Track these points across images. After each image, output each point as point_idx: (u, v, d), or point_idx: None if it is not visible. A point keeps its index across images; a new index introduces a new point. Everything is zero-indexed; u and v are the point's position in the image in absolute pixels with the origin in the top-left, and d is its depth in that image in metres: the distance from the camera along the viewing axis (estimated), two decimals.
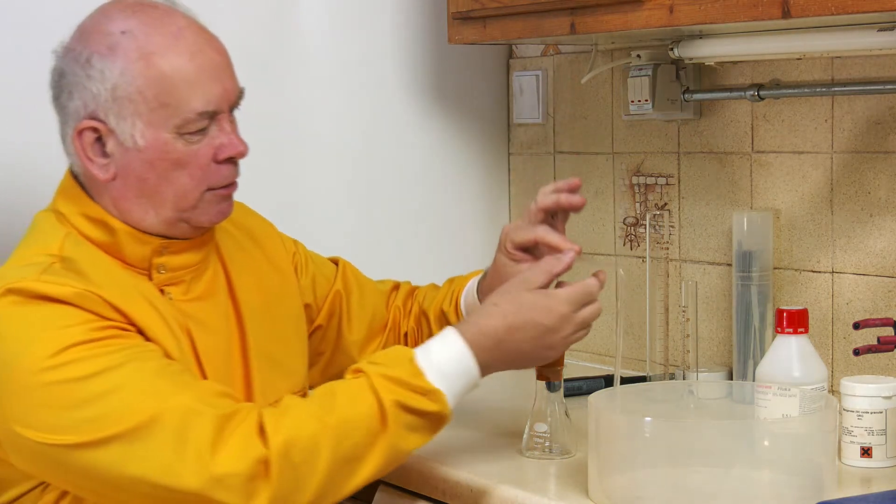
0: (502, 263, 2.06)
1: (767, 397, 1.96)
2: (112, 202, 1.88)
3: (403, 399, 1.78)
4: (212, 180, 1.88)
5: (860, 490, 1.86)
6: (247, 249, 2.06)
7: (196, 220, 1.90)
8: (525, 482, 1.93)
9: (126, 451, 1.69)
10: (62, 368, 1.71)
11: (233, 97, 1.89)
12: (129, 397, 1.71)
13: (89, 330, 1.74)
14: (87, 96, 1.83)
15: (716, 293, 2.50)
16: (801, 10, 1.91)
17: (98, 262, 1.85)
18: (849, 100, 2.26)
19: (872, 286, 2.24)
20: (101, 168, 1.86)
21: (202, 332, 1.91)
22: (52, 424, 1.71)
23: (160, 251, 1.89)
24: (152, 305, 1.85)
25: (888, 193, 2.22)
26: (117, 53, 1.82)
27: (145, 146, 1.84)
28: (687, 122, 2.54)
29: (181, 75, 1.83)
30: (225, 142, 1.88)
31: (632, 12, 2.15)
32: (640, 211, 2.64)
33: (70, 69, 1.85)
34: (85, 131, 1.84)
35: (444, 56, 2.82)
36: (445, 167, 2.85)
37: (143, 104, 1.82)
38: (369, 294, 2.23)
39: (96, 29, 1.85)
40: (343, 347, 2.19)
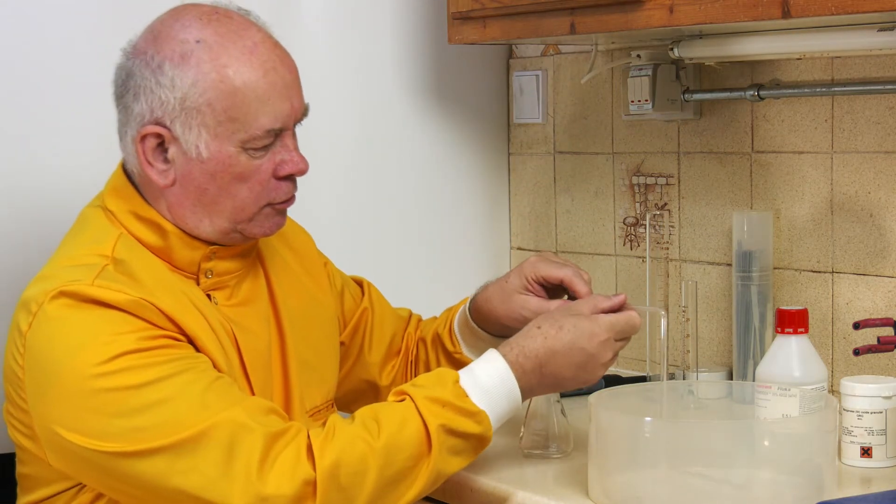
0: (513, 287, 2.07)
1: (767, 397, 1.96)
2: (168, 207, 1.87)
3: (448, 422, 1.79)
4: (271, 195, 1.88)
5: (860, 490, 1.87)
6: (286, 257, 2.06)
7: (250, 232, 1.90)
8: (524, 482, 1.93)
9: (173, 463, 1.69)
10: (113, 376, 1.71)
11: (299, 114, 1.89)
12: (179, 409, 1.71)
13: (142, 338, 1.74)
14: (154, 101, 1.82)
15: (716, 293, 2.50)
16: (801, 10, 1.91)
17: (149, 266, 1.84)
18: (849, 100, 2.26)
19: (872, 286, 2.24)
20: (161, 174, 1.85)
21: (246, 336, 1.91)
22: (100, 431, 1.71)
23: (209, 256, 1.89)
24: (201, 312, 1.84)
25: (888, 193, 2.22)
26: (190, 63, 1.81)
27: (208, 157, 1.83)
28: (687, 122, 2.54)
29: (253, 91, 1.82)
30: (286, 158, 1.88)
31: (632, 12, 2.15)
32: (640, 211, 2.64)
33: (139, 72, 1.83)
34: (148, 136, 1.84)
35: (444, 56, 2.81)
36: (445, 167, 2.84)
37: (212, 116, 1.81)
38: (389, 318, 2.23)
39: (170, 34, 1.84)
40: (361, 366, 2.20)
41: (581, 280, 2.03)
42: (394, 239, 2.79)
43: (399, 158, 2.79)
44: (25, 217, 2.30)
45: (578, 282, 2.02)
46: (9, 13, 2.31)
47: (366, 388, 2.20)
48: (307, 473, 1.70)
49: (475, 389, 1.83)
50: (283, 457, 1.70)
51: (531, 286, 2.06)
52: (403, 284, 2.46)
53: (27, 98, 2.31)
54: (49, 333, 1.75)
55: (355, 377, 2.19)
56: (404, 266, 2.78)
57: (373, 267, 2.45)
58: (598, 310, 1.92)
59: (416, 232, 2.82)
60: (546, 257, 2.08)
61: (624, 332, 1.91)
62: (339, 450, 1.72)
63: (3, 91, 2.29)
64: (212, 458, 1.69)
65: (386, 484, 1.75)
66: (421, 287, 2.66)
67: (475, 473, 1.96)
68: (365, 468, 1.73)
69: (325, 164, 2.70)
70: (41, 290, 1.78)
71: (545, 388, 1.90)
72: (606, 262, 2.71)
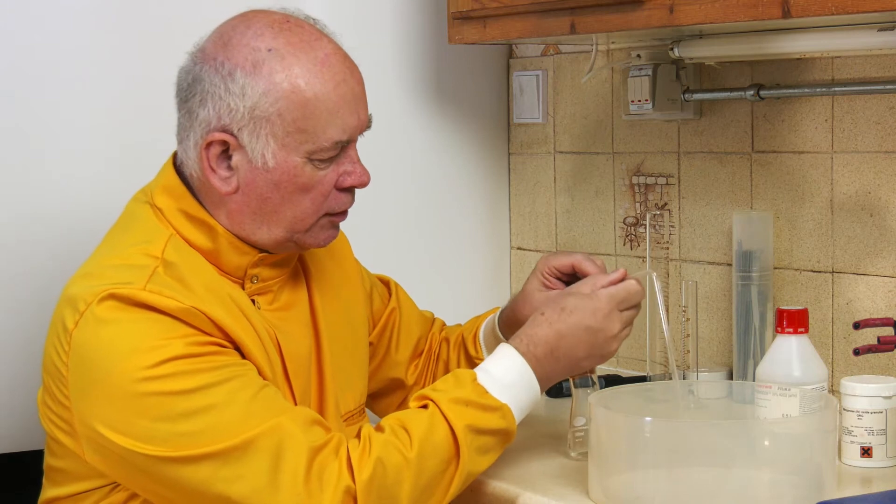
0: (532, 289, 2.10)
1: (767, 397, 1.96)
2: (227, 214, 1.86)
3: (473, 421, 1.80)
4: (331, 206, 1.89)
5: (860, 490, 1.87)
6: (325, 261, 2.06)
7: (304, 242, 1.90)
8: (525, 482, 1.93)
9: (218, 470, 1.70)
10: (162, 380, 1.71)
11: (364, 126, 1.90)
12: (226, 417, 1.71)
13: (190, 344, 1.74)
14: (222, 109, 1.81)
15: (716, 293, 2.50)
16: (801, 9, 1.91)
17: (198, 270, 1.84)
18: (849, 100, 2.26)
19: (872, 286, 2.24)
20: (223, 181, 1.84)
21: (288, 341, 1.91)
22: (145, 434, 1.71)
23: (257, 263, 1.89)
24: (247, 318, 1.84)
25: (888, 193, 2.22)
26: (262, 72, 1.80)
27: (274, 167, 1.83)
28: (687, 121, 2.54)
29: (323, 104, 1.82)
30: (350, 170, 1.88)
31: (632, 12, 2.15)
32: (641, 211, 2.64)
33: (208, 77, 1.82)
34: (214, 143, 1.83)
35: (445, 56, 2.81)
36: (445, 167, 2.85)
37: (281, 126, 1.81)
38: (416, 318, 2.25)
39: (241, 41, 1.83)
40: (389, 365, 2.20)
41: (590, 262, 2.05)
42: (394, 238, 2.79)
43: (399, 158, 2.79)
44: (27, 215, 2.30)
45: (588, 263, 2.05)
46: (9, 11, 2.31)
47: (392, 387, 2.22)
48: (348, 486, 1.71)
49: (494, 385, 1.84)
50: (328, 469, 1.71)
51: (548, 281, 2.09)
52: (404, 284, 2.45)
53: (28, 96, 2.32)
54: (98, 334, 1.74)
55: (382, 376, 2.20)
56: (404, 266, 2.77)
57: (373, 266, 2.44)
58: (597, 287, 1.94)
59: (416, 231, 2.82)
60: (552, 253, 2.13)
61: (626, 300, 1.94)
62: (377, 461, 1.73)
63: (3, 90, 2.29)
64: (258, 466, 1.69)
65: (420, 491, 1.77)
66: (421, 286, 2.65)
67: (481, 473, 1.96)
68: (401, 479, 1.75)
69: None
70: (89, 290, 1.77)
71: (562, 371, 1.91)
72: (606, 262, 2.71)
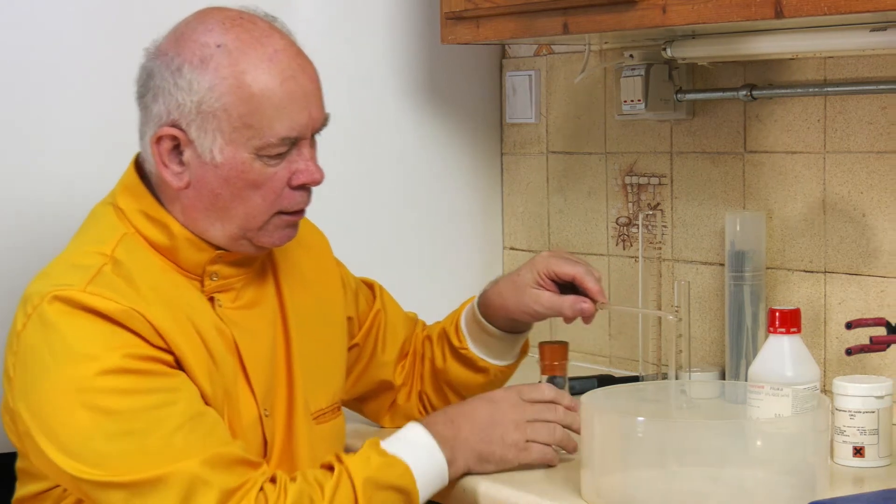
0: (525, 282, 2.09)
1: (760, 397, 1.96)
2: (181, 209, 1.87)
3: (371, 473, 1.81)
4: (283, 204, 1.88)
5: (852, 490, 1.87)
6: (299, 259, 2.06)
7: (259, 241, 1.90)
8: (517, 483, 1.93)
9: (129, 499, 1.71)
10: (92, 394, 1.72)
11: (317, 124, 1.90)
12: (145, 446, 1.72)
13: (127, 356, 1.74)
14: (171, 104, 1.82)
15: (708, 293, 2.50)
16: (793, 10, 1.91)
17: (149, 269, 1.84)
18: (841, 100, 2.26)
19: (865, 286, 2.24)
20: (175, 176, 1.85)
21: (248, 339, 1.91)
22: (72, 451, 1.72)
23: (215, 259, 1.89)
24: (195, 322, 1.84)
25: (880, 193, 2.22)
26: (209, 67, 1.81)
27: (223, 162, 1.83)
28: (680, 122, 2.54)
29: (269, 99, 1.82)
30: (302, 168, 1.88)
31: (625, 12, 2.15)
32: (633, 211, 2.64)
33: (160, 72, 1.84)
34: (164, 138, 1.84)
35: (438, 56, 2.82)
36: (438, 167, 2.85)
37: (227, 122, 1.81)
38: (401, 319, 2.25)
39: (192, 37, 1.84)
40: (376, 366, 2.20)
41: (592, 278, 2.06)
42: (387, 238, 2.79)
43: (392, 158, 2.79)
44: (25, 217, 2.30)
45: (589, 279, 2.05)
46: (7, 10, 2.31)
47: (381, 388, 2.22)
48: None
49: (388, 442, 1.86)
50: None
51: (543, 281, 2.08)
52: (397, 284, 2.45)
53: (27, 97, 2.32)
54: (40, 337, 1.76)
55: (370, 377, 2.20)
56: (397, 266, 2.78)
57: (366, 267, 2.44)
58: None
59: (409, 231, 2.82)
60: (558, 254, 2.11)
61: (530, 394, 1.98)
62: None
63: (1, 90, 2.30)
64: (168, 503, 1.70)
65: None
66: (414, 287, 2.66)
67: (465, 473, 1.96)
68: None
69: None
70: (39, 291, 1.78)
71: (464, 444, 1.92)
72: (599, 262, 2.71)
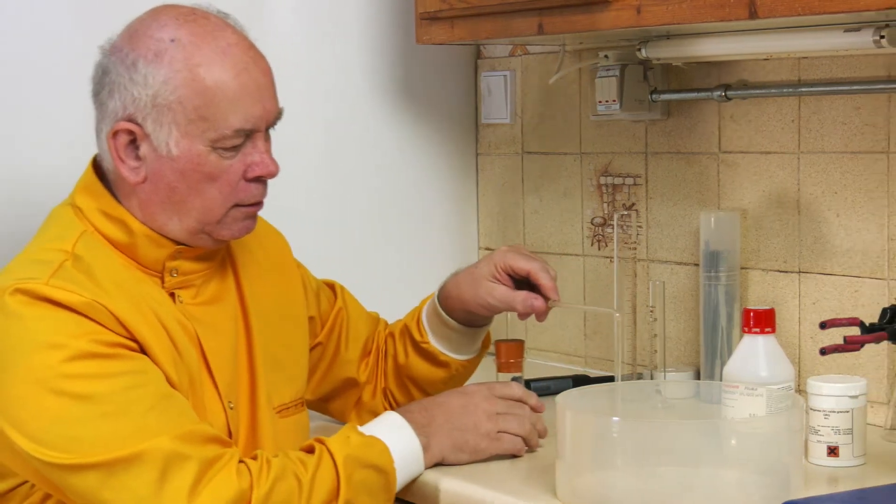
0: (482, 274, 2.12)
1: (734, 397, 1.96)
2: (139, 205, 1.88)
3: (351, 451, 1.84)
4: (240, 197, 1.90)
5: (827, 489, 1.87)
6: (258, 257, 2.07)
7: (218, 234, 1.91)
8: (493, 483, 1.93)
9: (105, 479, 1.71)
10: (63, 381, 1.73)
11: (271, 117, 1.91)
12: (119, 427, 1.72)
13: (94, 342, 1.75)
14: (127, 98, 1.84)
15: (683, 293, 2.50)
16: (767, 10, 1.91)
17: (109, 265, 1.85)
18: (815, 100, 2.27)
19: (839, 286, 2.25)
20: (132, 171, 1.87)
21: (210, 334, 1.93)
22: (40, 437, 1.72)
23: (175, 255, 1.90)
24: (157, 315, 1.85)
25: (854, 193, 2.22)
26: (163, 61, 1.83)
27: (178, 155, 1.85)
28: (654, 122, 2.54)
29: (223, 91, 1.84)
30: (257, 160, 1.89)
31: (599, 13, 2.15)
32: (608, 211, 2.65)
33: (114, 68, 1.86)
34: (120, 133, 1.85)
35: (412, 56, 2.81)
36: (413, 167, 2.84)
37: (182, 114, 1.83)
38: (363, 317, 2.27)
39: (146, 33, 1.86)
40: (340, 364, 2.22)
41: (546, 275, 2.09)
42: (361, 239, 2.79)
43: (367, 159, 2.79)
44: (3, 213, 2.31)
45: (544, 276, 2.09)
46: None
47: (345, 386, 2.23)
48: (238, 493, 1.73)
49: (365, 426, 1.92)
50: (217, 480, 1.73)
51: (499, 275, 2.11)
52: (371, 285, 2.45)
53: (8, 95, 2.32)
54: (3, 329, 1.76)
55: (335, 376, 2.22)
56: (372, 266, 2.77)
57: (340, 267, 2.44)
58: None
59: (384, 232, 2.82)
60: (517, 249, 2.13)
61: (503, 393, 2.04)
62: (274, 479, 1.76)
63: None
64: (144, 480, 1.71)
65: None
66: (389, 287, 2.66)
67: (441, 473, 1.96)
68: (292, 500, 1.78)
69: (292, 165, 2.68)
70: (1, 285, 1.79)
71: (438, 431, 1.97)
72: (574, 263, 2.72)
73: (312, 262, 2.25)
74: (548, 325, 2.13)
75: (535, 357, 2.78)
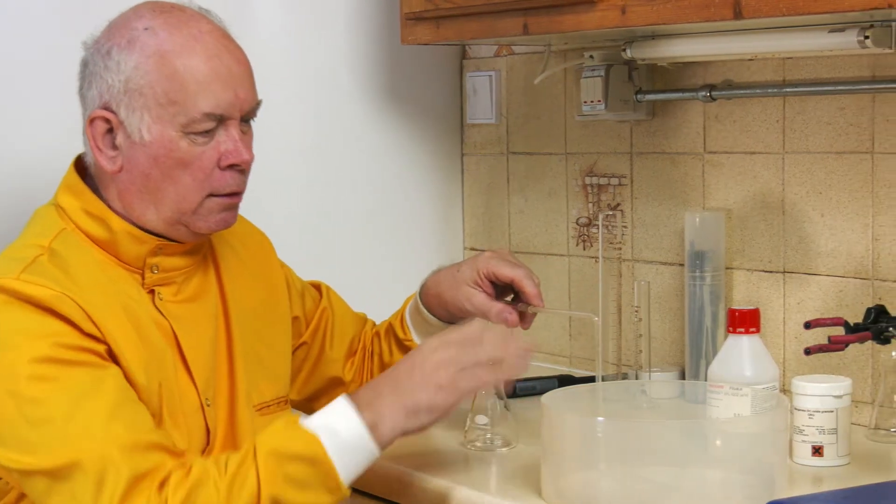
0: (463, 278, 2.11)
1: (719, 397, 1.96)
2: (117, 195, 1.89)
3: (275, 445, 1.76)
4: (214, 186, 1.89)
5: (811, 489, 1.88)
6: (242, 257, 2.07)
7: (195, 226, 1.91)
8: (476, 482, 1.93)
9: (52, 485, 1.73)
10: (19, 383, 1.73)
11: (246, 106, 1.90)
12: (67, 433, 1.73)
13: (55, 345, 1.75)
14: (103, 86, 1.86)
15: (668, 293, 2.50)
16: (752, 10, 1.92)
17: (86, 261, 1.86)
18: (800, 100, 2.27)
19: (823, 286, 2.25)
20: (110, 159, 1.88)
21: (189, 332, 1.92)
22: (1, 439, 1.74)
23: (155, 251, 1.90)
24: (131, 314, 1.84)
25: (839, 193, 2.23)
26: (135, 47, 1.85)
27: (151, 141, 1.85)
28: (640, 122, 2.54)
29: (193, 75, 1.84)
30: (230, 148, 1.89)
31: (584, 13, 2.15)
32: (593, 211, 2.65)
33: (92, 59, 1.88)
34: (97, 120, 1.87)
35: (398, 56, 2.81)
36: (398, 168, 2.84)
37: (153, 99, 1.84)
38: (349, 317, 2.26)
39: (123, 24, 1.89)
40: (325, 363, 2.22)
41: (531, 282, 2.07)
42: (347, 239, 2.78)
43: (352, 159, 2.79)
44: None
45: (528, 283, 2.07)
46: None
47: (331, 385, 2.23)
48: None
49: (308, 417, 1.81)
50: (141, 495, 1.71)
51: (481, 281, 2.10)
52: (357, 285, 2.45)
53: None
54: None
55: (321, 374, 2.22)
56: (357, 267, 2.77)
57: (326, 267, 2.44)
58: None
59: (370, 232, 2.82)
60: (501, 255, 2.11)
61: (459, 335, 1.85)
62: (191, 487, 1.73)
63: None
64: (84, 488, 1.71)
65: None
66: (374, 287, 2.66)
67: (426, 473, 1.96)
68: None
69: (278, 165, 2.69)
70: None
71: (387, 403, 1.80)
72: (559, 263, 2.72)
73: (299, 262, 2.25)
74: (533, 326, 2.13)
75: None
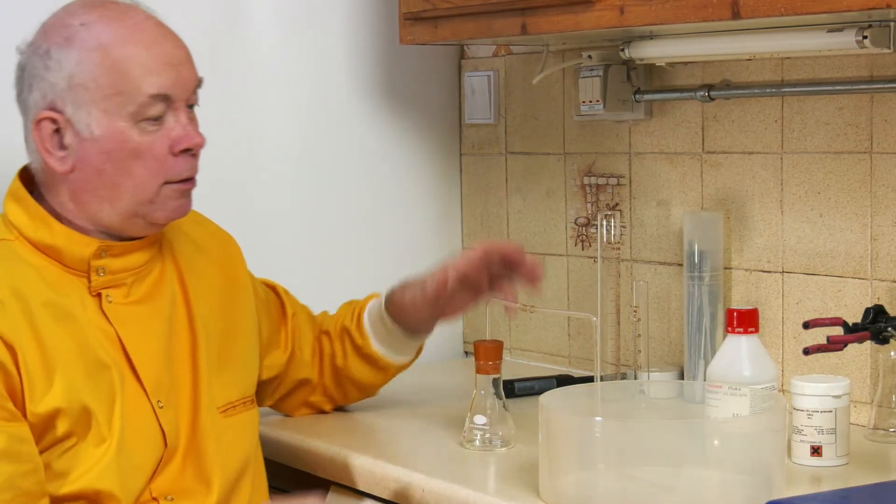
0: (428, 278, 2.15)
1: (718, 397, 1.96)
2: (70, 195, 1.88)
3: None
4: (169, 173, 1.89)
5: (810, 489, 1.87)
6: (207, 258, 2.06)
7: (152, 216, 1.90)
8: (475, 482, 1.93)
9: None
10: None
11: (190, 84, 1.90)
12: None
13: None
14: (45, 87, 1.85)
15: (667, 293, 2.50)
16: (750, 10, 1.92)
17: (20, 274, 1.83)
18: (798, 100, 2.27)
19: (822, 286, 2.25)
20: (60, 160, 1.86)
21: (136, 335, 1.91)
22: None
23: (99, 254, 1.88)
24: (68, 323, 1.83)
25: (837, 194, 2.23)
26: (74, 43, 1.84)
27: (101, 135, 1.85)
28: (638, 122, 2.54)
29: (135, 61, 1.84)
30: (181, 133, 1.89)
31: (583, 13, 2.15)
32: (592, 211, 2.65)
33: (30, 63, 1.87)
34: (43, 122, 1.86)
35: (396, 56, 2.81)
36: (397, 168, 2.84)
37: (98, 92, 1.84)
38: (308, 316, 2.28)
39: (58, 23, 1.88)
40: (296, 366, 2.23)
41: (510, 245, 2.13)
42: (345, 240, 2.78)
43: (350, 159, 2.78)
44: None
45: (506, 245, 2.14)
46: None
47: (299, 385, 2.25)
48: None
49: None
50: None
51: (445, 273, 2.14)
52: (354, 285, 2.45)
53: None
54: None
55: (291, 378, 2.24)
56: (355, 267, 2.77)
57: (324, 267, 2.44)
58: None
59: (368, 232, 2.82)
60: None
61: None
62: None
63: None
64: None
65: None
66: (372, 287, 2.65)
67: (422, 472, 1.96)
68: None
69: (276, 165, 2.69)
70: None
71: None
72: (558, 263, 2.71)
73: (294, 263, 2.25)
74: (531, 326, 2.13)
75: (519, 357, 2.78)
